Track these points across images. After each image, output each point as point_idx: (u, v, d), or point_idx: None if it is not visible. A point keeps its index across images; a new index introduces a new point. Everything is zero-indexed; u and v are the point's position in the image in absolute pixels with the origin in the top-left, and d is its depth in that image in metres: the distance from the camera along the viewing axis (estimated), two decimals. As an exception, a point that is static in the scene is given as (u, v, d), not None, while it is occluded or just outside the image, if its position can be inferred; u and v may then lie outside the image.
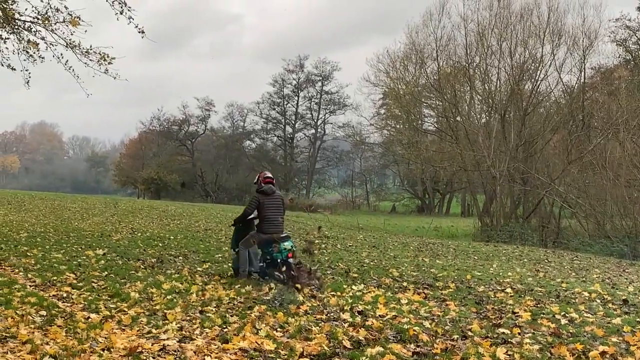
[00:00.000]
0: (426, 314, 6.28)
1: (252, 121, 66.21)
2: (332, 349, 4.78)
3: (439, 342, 5.03)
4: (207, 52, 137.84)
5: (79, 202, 29.25)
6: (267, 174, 8.68)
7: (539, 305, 7.11)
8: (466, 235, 27.38)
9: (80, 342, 4.70)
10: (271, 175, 8.71)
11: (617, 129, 22.69)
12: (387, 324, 5.69)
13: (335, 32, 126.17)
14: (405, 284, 8.66)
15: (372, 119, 57.51)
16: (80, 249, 11.20)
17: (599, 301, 7.60)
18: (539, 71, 28.26)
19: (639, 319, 6.33)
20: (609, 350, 4.85)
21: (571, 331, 5.62)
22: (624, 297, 7.85)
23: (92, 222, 18.29)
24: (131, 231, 15.95)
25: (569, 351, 4.82)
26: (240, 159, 62.13)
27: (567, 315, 6.38)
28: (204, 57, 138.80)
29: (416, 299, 7.13)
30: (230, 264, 9.41)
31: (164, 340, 4.89)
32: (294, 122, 65.11)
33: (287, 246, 8.18)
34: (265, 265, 8.42)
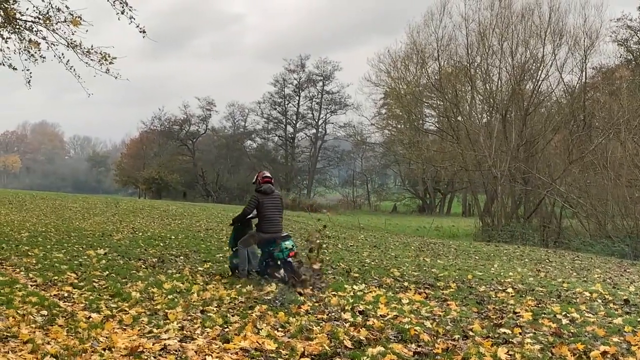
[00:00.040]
0: (427, 314, 6.28)
1: (253, 121, 66.31)
2: (333, 348, 4.78)
3: (440, 342, 5.03)
4: (209, 52, 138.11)
5: (80, 201, 29.28)
6: (265, 174, 8.70)
7: (540, 305, 7.11)
8: (467, 235, 27.39)
9: (81, 341, 4.71)
10: (269, 174, 8.73)
11: (619, 129, 22.70)
12: (388, 323, 5.69)
13: (336, 32, 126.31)
14: (406, 283, 8.65)
15: (373, 119, 57.58)
16: (81, 249, 11.21)
17: (600, 301, 7.59)
18: (540, 71, 28.30)
19: (640, 319, 6.32)
20: (610, 350, 4.85)
21: (572, 331, 5.62)
22: (625, 297, 7.84)
23: (93, 222, 18.30)
24: (132, 231, 15.96)
25: (570, 351, 4.81)
26: (241, 159, 62.12)
27: (568, 315, 6.37)
28: (205, 57, 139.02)
29: (417, 299, 7.13)
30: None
31: (165, 339, 4.89)
32: (295, 122, 65.11)
33: (288, 245, 8.18)
34: (265, 264, 8.43)
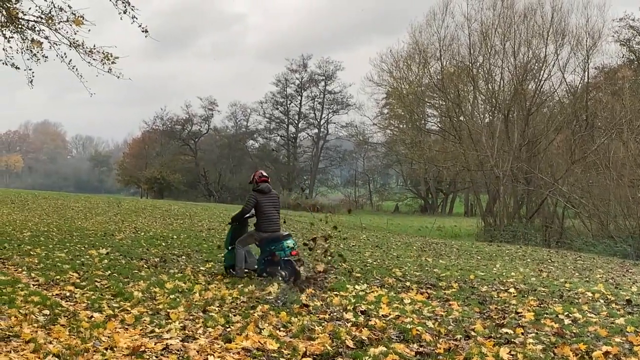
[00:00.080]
0: (429, 314, 6.27)
1: (255, 121, 66.34)
2: (335, 348, 4.78)
3: (442, 342, 5.02)
4: (211, 51, 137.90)
5: (82, 201, 29.33)
6: (262, 173, 8.75)
7: (542, 305, 7.09)
8: (469, 235, 27.35)
9: (83, 341, 4.71)
10: (266, 173, 8.79)
11: (621, 129, 22.66)
12: (390, 323, 5.68)
13: (337, 32, 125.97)
14: (408, 283, 8.65)
15: (375, 119, 57.55)
16: (83, 248, 11.22)
17: (603, 301, 7.57)
18: (542, 71, 28.27)
19: (642, 320, 6.30)
20: (612, 350, 4.84)
21: (574, 331, 5.61)
22: (628, 298, 7.83)
23: (96, 222, 18.33)
24: (134, 230, 15.98)
25: (572, 351, 4.80)
26: (243, 159, 62.15)
27: (570, 315, 6.36)
28: (207, 56, 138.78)
29: (419, 299, 7.12)
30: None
31: (167, 339, 4.89)
32: (297, 122, 65.11)
33: (289, 244, 8.20)
34: (264, 262, 8.44)
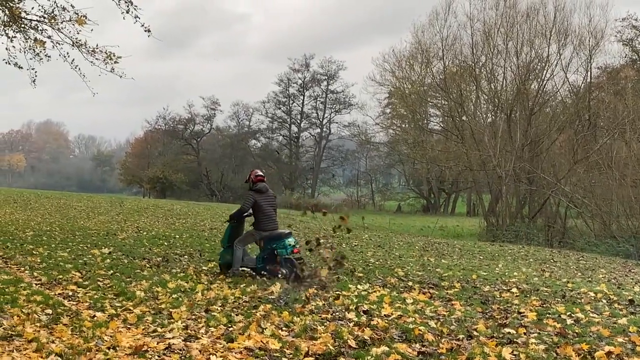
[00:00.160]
0: (432, 314, 6.26)
1: (258, 120, 66.19)
2: (337, 348, 4.77)
3: (444, 342, 5.02)
4: (213, 51, 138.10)
5: (85, 200, 29.38)
6: (258, 172, 8.83)
7: (544, 305, 7.08)
8: (472, 234, 27.34)
9: (85, 340, 4.71)
10: (262, 173, 8.85)
11: (624, 129, 22.65)
12: (393, 323, 5.68)
13: (340, 32, 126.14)
14: (410, 283, 8.64)
15: (378, 118, 57.43)
16: (85, 248, 11.24)
17: (605, 301, 7.55)
18: (545, 71, 28.25)
19: (645, 320, 6.29)
20: (615, 350, 4.82)
21: (577, 331, 5.60)
22: (630, 297, 7.81)
23: (98, 221, 18.36)
24: (137, 230, 16.00)
25: (574, 351, 4.79)
26: (245, 158, 62.10)
27: (573, 315, 6.34)
28: (210, 56, 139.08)
29: (421, 299, 7.11)
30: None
31: (170, 339, 4.89)
32: (299, 122, 65.06)
33: (291, 242, 8.22)
34: (263, 260, 8.44)
